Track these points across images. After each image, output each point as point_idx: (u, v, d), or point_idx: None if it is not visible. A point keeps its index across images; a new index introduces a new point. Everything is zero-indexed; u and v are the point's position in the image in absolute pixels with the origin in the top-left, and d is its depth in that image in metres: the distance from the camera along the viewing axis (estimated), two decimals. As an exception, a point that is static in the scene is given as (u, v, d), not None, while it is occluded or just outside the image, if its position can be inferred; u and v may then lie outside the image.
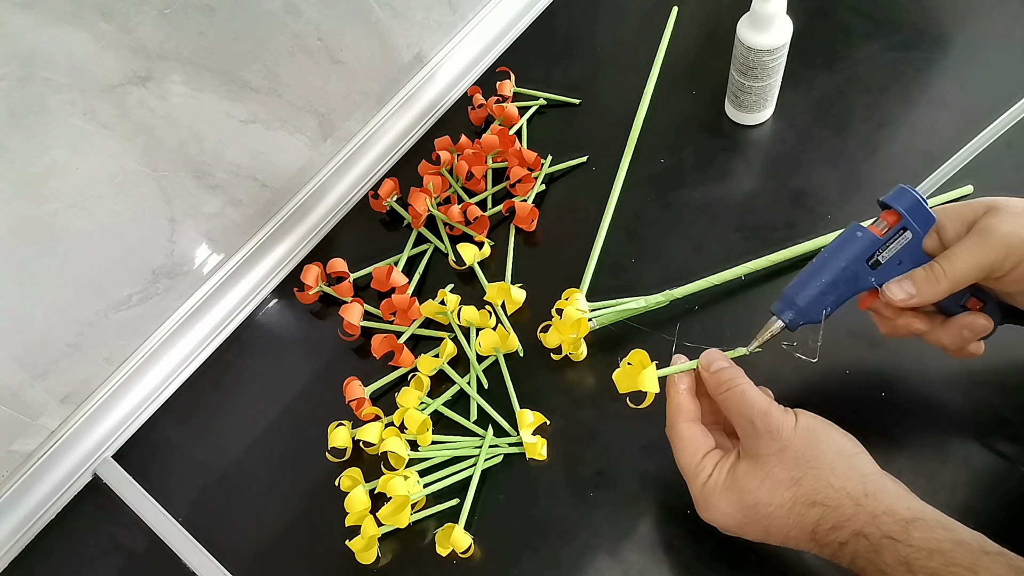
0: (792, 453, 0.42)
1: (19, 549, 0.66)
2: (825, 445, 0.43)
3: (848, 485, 0.41)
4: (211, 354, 0.73)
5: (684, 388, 0.49)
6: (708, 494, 0.45)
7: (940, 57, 0.72)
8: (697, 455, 0.46)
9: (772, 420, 0.43)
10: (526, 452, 0.60)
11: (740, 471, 0.44)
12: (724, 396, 0.46)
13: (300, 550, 0.61)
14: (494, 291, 0.66)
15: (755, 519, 0.43)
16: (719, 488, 0.44)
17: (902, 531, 0.38)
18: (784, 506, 0.42)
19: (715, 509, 0.45)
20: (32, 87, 0.52)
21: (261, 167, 0.70)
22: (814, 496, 0.41)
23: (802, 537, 0.42)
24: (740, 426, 0.45)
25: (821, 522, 0.41)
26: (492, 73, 0.83)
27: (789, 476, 0.42)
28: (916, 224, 0.45)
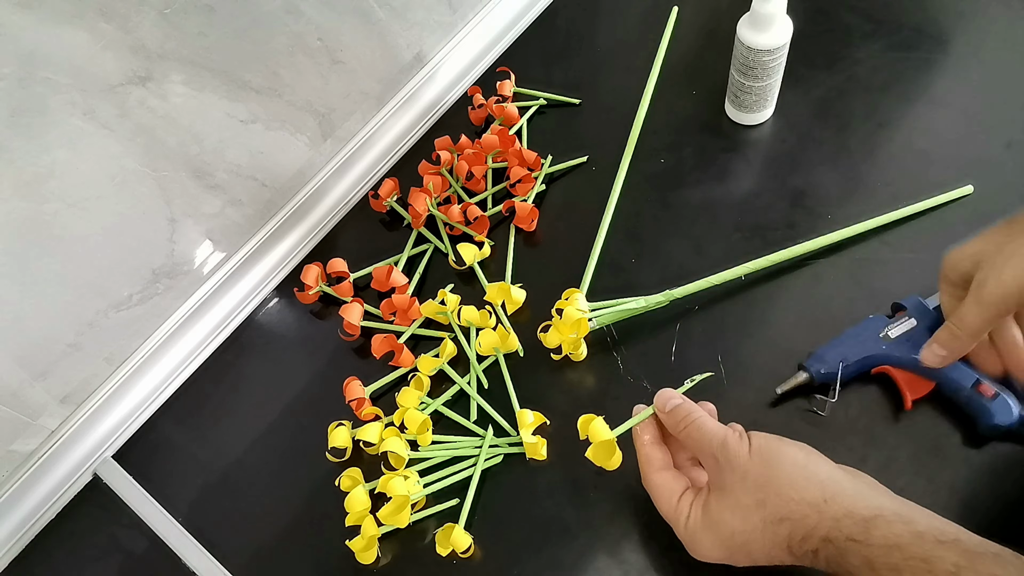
0: (753, 478, 0.44)
1: (19, 549, 0.66)
2: (780, 461, 0.44)
3: (807, 495, 0.43)
4: (211, 354, 0.73)
5: (648, 439, 0.51)
6: (691, 534, 0.47)
7: (940, 57, 0.72)
8: (673, 500, 0.48)
9: (729, 450, 0.46)
10: (526, 452, 0.60)
11: (712, 506, 0.46)
12: (684, 434, 0.49)
13: (300, 550, 0.61)
14: (494, 291, 0.66)
15: (736, 547, 0.45)
16: (699, 527, 0.46)
17: (863, 531, 0.40)
18: (757, 529, 0.44)
19: (701, 547, 0.47)
20: (32, 87, 0.52)
21: (261, 167, 0.70)
22: (779, 513, 0.43)
23: (782, 554, 0.44)
24: (705, 461, 0.48)
25: (792, 535, 0.42)
26: (492, 73, 0.83)
27: (754, 500, 0.44)
28: (920, 316, 0.56)
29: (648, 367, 0.62)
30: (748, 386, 0.59)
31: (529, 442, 0.59)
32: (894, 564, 0.38)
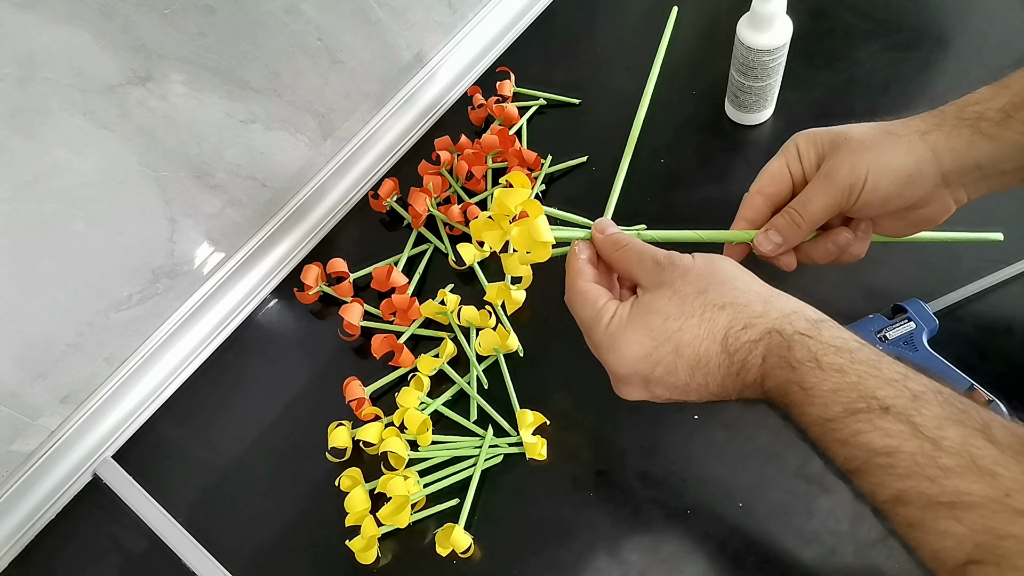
0: (695, 273, 0.42)
1: (19, 549, 0.66)
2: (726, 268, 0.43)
3: (754, 287, 0.41)
4: (211, 354, 0.73)
5: (584, 258, 0.48)
6: (613, 332, 0.43)
7: (940, 57, 0.72)
8: (598, 303, 0.44)
9: (673, 256, 0.43)
10: (526, 452, 0.60)
11: (645, 300, 0.43)
12: (620, 254, 0.46)
13: (300, 550, 0.61)
14: (494, 291, 0.66)
15: (665, 336, 0.41)
16: (624, 320, 0.43)
17: (813, 328, 0.38)
18: (695, 314, 0.41)
19: (622, 343, 0.42)
20: (32, 87, 0.52)
21: (261, 167, 0.70)
22: (723, 299, 0.41)
23: (713, 349, 0.40)
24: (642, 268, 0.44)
25: (732, 323, 0.40)
26: (492, 73, 0.83)
27: (695, 289, 0.41)
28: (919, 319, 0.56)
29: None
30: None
31: (529, 442, 0.59)
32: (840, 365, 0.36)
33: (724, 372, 0.40)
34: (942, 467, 0.32)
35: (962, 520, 0.31)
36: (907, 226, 0.49)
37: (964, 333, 0.57)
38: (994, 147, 0.45)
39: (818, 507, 0.54)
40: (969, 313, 0.58)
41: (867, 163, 0.46)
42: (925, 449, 0.33)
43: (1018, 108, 0.45)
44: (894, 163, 0.46)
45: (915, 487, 0.33)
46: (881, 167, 0.46)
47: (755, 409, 0.58)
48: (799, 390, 0.37)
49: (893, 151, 0.46)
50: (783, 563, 0.52)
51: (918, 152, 0.46)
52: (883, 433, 0.34)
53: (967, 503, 0.31)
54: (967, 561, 0.31)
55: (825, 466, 0.53)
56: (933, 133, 0.46)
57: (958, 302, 0.58)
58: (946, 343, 0.56)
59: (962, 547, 0.31)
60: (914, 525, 0.33)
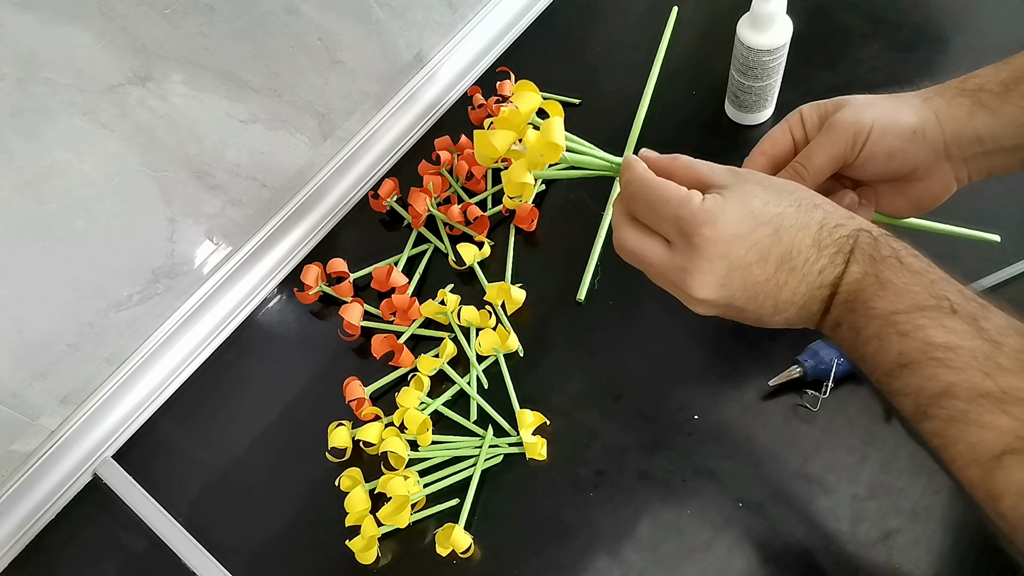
0: (776, 182, 0.42)
1: (19, 549, 0.66)
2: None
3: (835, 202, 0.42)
4: (211, 354, 0.72)
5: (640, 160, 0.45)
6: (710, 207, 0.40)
7: (940, 57, 0.72)
8: (682, 189, 0.41)
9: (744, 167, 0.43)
10: (526, 452, 0.60)
11: (735, 188, 0.41)
12: (681, 163, 0.44)
13: (300, 550, 0.61)
14: (494, 291, 0.66)
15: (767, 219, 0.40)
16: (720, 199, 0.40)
17: (894, 239, 0.40)
18: (792, 204, 0.41)
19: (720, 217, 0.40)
20: (32, 87, 0.52)
21: (261, 167, 0.70)
22: (815, 199, 0.41)
23: (805, 242, 0.40)
24: (714, 173, 0.43)
25: (826, 220, 0.40)
26: (492, 73, 0.83)
27: (784, 187, 0.42)
28: None
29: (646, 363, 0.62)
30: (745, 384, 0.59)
31: (529, 442, 0.59)
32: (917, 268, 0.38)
33: (806, 270, 0.40)
34: (999, 364, 0.34)
35: (1009, 411, 0.33)
36: (908, 204, 0.49)
37: None
38: (994, 120, 0.45)
39: (818, 507, 0.54)
40: None
41: (872, 115, 0.46)
42: (985, 349, 0.34)
43: (1019, 81, 0.45)
44: (900, 119, 0.46)
45: (967, 380, 0.34)
46: (886, 121, 0.46)
47: (755, 409, 0.58)
48: (875, 282, 0.38)
49: (898, 109, 0.47)
50: (783, 563, 0.52)
51: (922, 113, 0.46)
52: (946, 330, 0.36)
53: (1017, 397, 0.33)
54: (1003, 451, 0.32)
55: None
56: (935, 99, 0.47)
57: None
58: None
59: (1002, 438, 0.33)
60: (955, 418, 0.34)
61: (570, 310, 0.66)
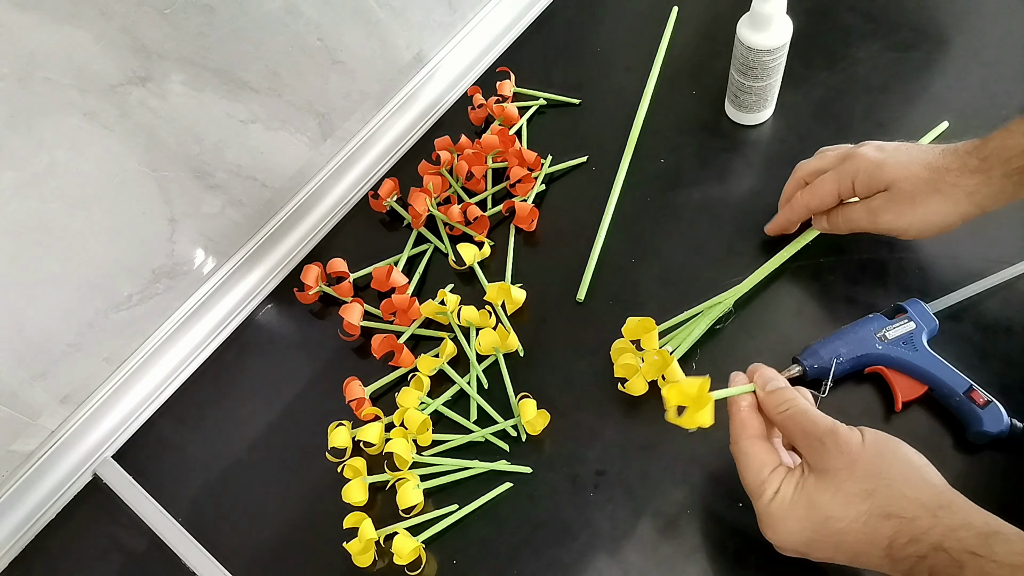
0: (863, 466, 0.42)
1: (19, 549, 0.66)
2: (895, 458, 0.42)
3: (922, 497, 0.40)
4: (211, 354, 0.72)
5: (746, 405, 0.48)
6: (774, 511, 0.44)
7: (940, 57, 0.72)
8: (763, 472, 0.45)
9: (840, 436, 0.43)
10: (526, 430, 0.60)
11: (809, 486, 0.43)
12: (784, 416, 0.46)
13: (300, 550, 0.61)
14: (494, 291, 0.66)
15: (826, 535, 0.42)
16: (786, 504, 0.43)
17: (983, 545, 0.37)
18: (858, 520, 0.41)
19: (781, 526, 0.44)
20: (32, 87, 0.52)
21: (261, 167, 0.70)
22: (888, 508, 0.40)
23: (875, 553, 0.41)
24: (806, 444, 0.45)
25: (897, 536, 0.40)
26: (492, 73, 0.83)
27: (861, 489, 0.41)
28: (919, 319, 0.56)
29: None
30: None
31: (529, 419, 0.59)
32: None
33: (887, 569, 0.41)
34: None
35: None
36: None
37: (964, 333, 0.57)
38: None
39: (818, 507, 0.54)
40: (969, 314, 0.58)
41: (911, 218, 0.53)
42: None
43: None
44: (936, 220, 0.52)
45: None
46: (924, 224, 0.53)
47: (755, 409, 0.58)
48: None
49: (939, 210, 0.52)
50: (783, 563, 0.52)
51: (963, 209, 0.51)
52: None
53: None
54: None
55: None
56: (980, 193, 0.50)
57: (958, 303, 0.58)
58: (946, 343, 0.56)
59: None
60: None
61: (570, 310, 0.66)
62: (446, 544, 0.58)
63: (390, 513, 0.60)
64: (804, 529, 0.43)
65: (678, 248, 0.67)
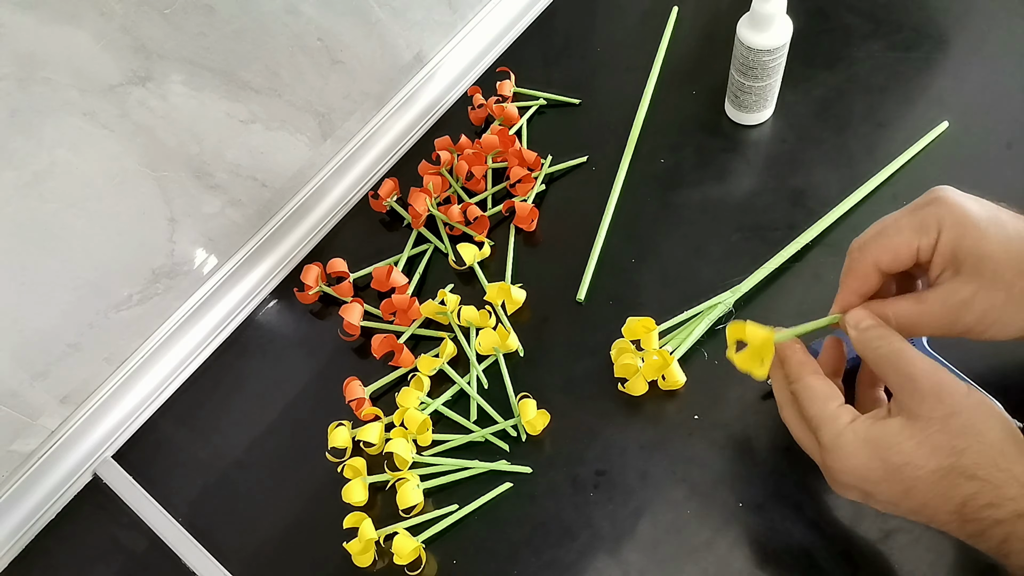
0: (960, 421, 0.38)
1: (19, 549, 0.66)
2: (998, 424, 0.39)
3: (1015, 469, 0.37)
4: (211, 354, 0.73)
5: (800, 347, 0.44)
6: (844, 443, 0.40)
7: (940, 57, 0.72)
8: (830, 403, 0.42)
9: (943, 384, 0.39)
10: (526, 430, 0.60)
11: (892, 427, 0.39)
12: (879, 353, 0.41)
13: (300, 550, 0.61)
14: (494, 291, 0.66)
15: (898, 479, 0.39)
16: (859, 438, 0.40)
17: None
18: (938, 471, 0.38)
19: (852, 458, 0.40)
20: (32, 87, 0.52)
21: (261, 167, 0.70)
22: (976, 470, 0.37)
23: (944, 508, 0.38)
24: (899, 383, 0.40)
25: (976, 497, 0.37)
26: (492, 73, 0.83)
27: (952, 445, 0.38)
28: None
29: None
30: (746, 384, 0.59)
31: (530, 419, 0.59)
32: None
33: (952, 527, 0.39)
34: None
35: None
36: None
37: None
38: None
39: (818, 507, 0.54)
40: None
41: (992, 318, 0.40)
42: None
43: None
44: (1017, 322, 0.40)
45: None
46: (1001, 325, 0.40)
47: (755, 409, 0.58)
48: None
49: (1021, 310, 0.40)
50: (783, 563, 0.52)
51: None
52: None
53: None
54: None
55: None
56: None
57: None
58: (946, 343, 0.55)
59: None
60: None
61: (570, 310, 0.66)
62: (446, 544, 0.58)
63: (390, 513, 0.60)
64: (875, 468, 0.39)
65: (678, 248, 0.67)
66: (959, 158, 0.66)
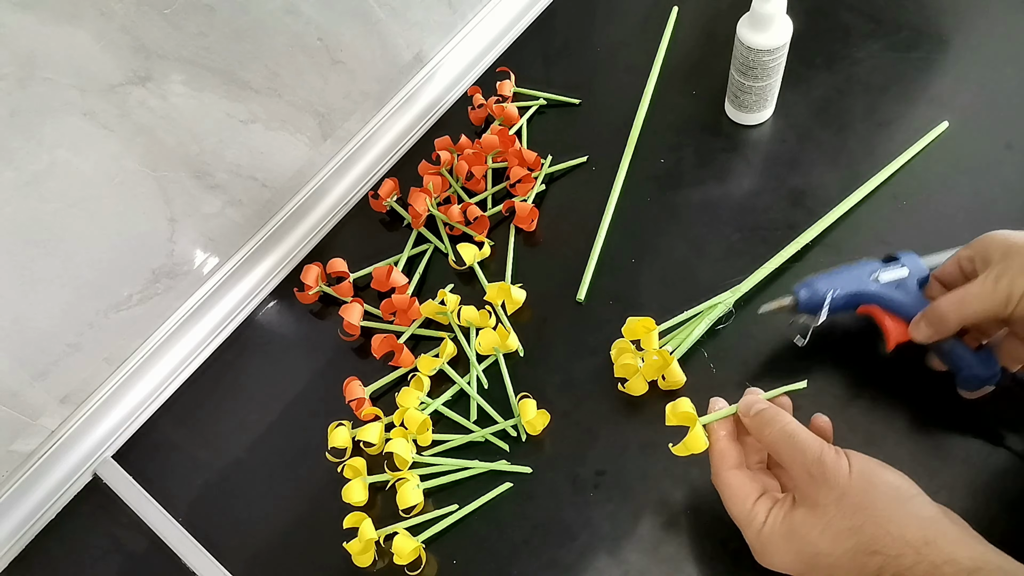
0: (850, 500, 0.42)
1: (19, 549, 0.66)
2: (882, 490, 0.43)
3: (907, 533, 0.41)
4: (211, 354, 0.73)
5: (724, 434, 0.49)
6: (765, 542, 0.45)
7: (940, 57, 0.72)
8: (747, 502, 0.46)
9: (827, 468, 0.43)
10: (526, 430, 0.60)
11: (797, 520, 0.44)
12: (771, 439, 0.46)
13: (300, 550, 0.61)
14: (494, 291, 0.66)
15: (818, 567, 0.43)
16: (776, 535, 0.44)
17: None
18: (846, 555, 0.42)
19: (774, 556, 0.45)
20: (32, 87, 0.52)
21: (261, 167, 0.70)
22: (873, 545, 0.41)
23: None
24: (793, 473, 0.45)
25: (882, 571, 0.40)
26: (492, 73, 0.83)
27: (849, 525, 0.42)
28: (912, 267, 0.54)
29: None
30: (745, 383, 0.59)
31: (530, 419, 0.59)
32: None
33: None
34: None
35: None
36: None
37: None
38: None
39: (818, 507, 0.54)
40: None
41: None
42: None
43: None
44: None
45: None
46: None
47: (755, 409, 0.58)
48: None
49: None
50: (783, 563, 0.52)
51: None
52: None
53: None
54: None
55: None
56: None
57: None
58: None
59: None
60: None
61: (570, 310, 0.66)
62: (446, 544, 0.58)
63: (390, 513, 0.60)
64: (796, 562, 0.44)
65: (678, 248, 0.67)
66: (959, 158, 0.66)
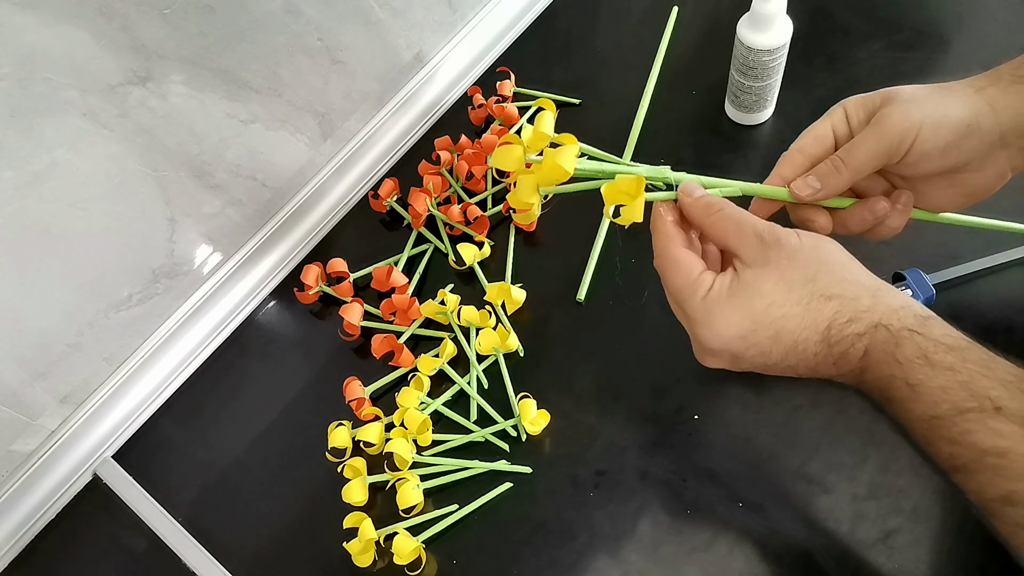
0: (803, 255, 0.41)
1: (19, 549, 0.66)
2: (833, 253, 0.42)
3: (863, 280, 0.40)
4: (211, 354, 0.73)
5: (671, 219, 0.45)
6: (711, 305, 0.41)
7: (940, 57, 0.72)
8: (693, 272, 0.43)
9: (779, 232, 0.42)
10: (526, 430, 0.60)
11: (747, 277, 0.41)
12: (714, 220, 0.43)
13: (300, 550, 0.61)
14: (494, 291, 0.66)
15: (767, 322, 0.40)
16: (723, 296, 0.41)
17: (921, 325, 0.38)
18: (800, 303, 0.40)
19: (720, 321, 0.41)
20: (32, 87, 0.52)
21: (261, 167, 0.70)
22: (831, 289, 0.40)
23: (813, 339, 0.40)
24: (741, 241, 0.42)
25: (837, 315, 0.39)
26: (492, 73, 0.83)
27: (803, 275, 0.40)
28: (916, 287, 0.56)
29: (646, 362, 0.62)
30: (746, 384, 0.59)
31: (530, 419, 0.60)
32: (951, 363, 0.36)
33: (820, 360, 0.40)
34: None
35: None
36: (959, 195, 0.47)
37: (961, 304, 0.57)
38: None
39: (818, 507, 0.54)
40: (969, 288, 0.58)
41: (922, 113, 0.44)
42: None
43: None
44: (951, 114, 0.44)
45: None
46: (938, 117, 0.43)
47: (756, 409, 0.58)
48: (904, 386, 0.37)
49: (949, 103, 0.44)
50: (783, 563, 0.52)
51: (975, 105, 0.44)
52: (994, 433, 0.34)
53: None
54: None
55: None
56: (989, 89, 0.44)
57: (959, 277, 0.57)
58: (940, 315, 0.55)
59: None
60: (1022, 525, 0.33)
61: (570, 310, 0.66)
62: (446, 544, 0.58)
63: (390, 513, 0.60)
64: (743, 319, 0.41)
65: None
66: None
